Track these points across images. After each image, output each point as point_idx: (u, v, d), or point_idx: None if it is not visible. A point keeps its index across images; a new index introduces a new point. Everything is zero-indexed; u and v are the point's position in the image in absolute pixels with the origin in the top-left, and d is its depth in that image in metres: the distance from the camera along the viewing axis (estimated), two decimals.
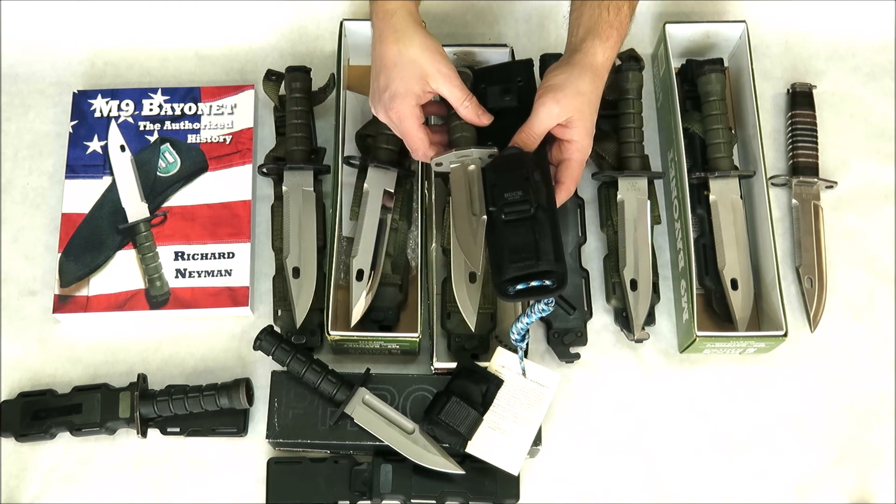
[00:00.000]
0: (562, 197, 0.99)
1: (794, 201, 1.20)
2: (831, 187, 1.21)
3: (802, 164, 1.20)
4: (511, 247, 0.92)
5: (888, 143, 1.24)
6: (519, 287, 0.92)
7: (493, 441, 1.03)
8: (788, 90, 1.25)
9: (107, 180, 1.19)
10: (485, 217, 0.97)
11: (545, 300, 0.97)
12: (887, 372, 1.14)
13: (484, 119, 1.01)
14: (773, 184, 1.20)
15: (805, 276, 1.16)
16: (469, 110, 1.00)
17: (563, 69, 0.98)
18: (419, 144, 1.00)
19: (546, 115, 0.96)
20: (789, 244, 1.19)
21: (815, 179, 1.20)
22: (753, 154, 1.16)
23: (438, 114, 1.07)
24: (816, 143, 1.21)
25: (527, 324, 1.00)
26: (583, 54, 0.98)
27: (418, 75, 0.97)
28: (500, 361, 1.06)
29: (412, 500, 1.04)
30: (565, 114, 0.96)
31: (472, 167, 1.02)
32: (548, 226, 0.93)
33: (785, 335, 1.07)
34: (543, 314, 0.98)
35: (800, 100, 1.23)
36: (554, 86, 0.97)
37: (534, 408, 1.04)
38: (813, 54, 1.28)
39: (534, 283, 0.92)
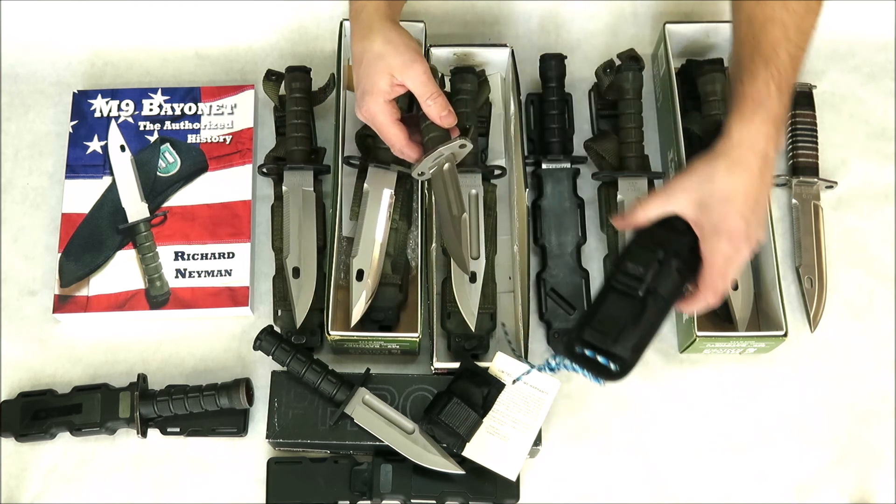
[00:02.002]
0: (697, 305, 0.92)
1: (794, 201, 1.20)
2: (831, 187, 1.21)
3: (802, 164, 1.20)
4: (601, 314, 0.90)
5: (888, 143, 1.24)
6: (586, 352, 0.89)
7: (491, 446, 1.03)
8: None
9: (107, 180, 1.19)
10: (466, 215, 0.96)
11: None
12: (887, 372, 1.14)
13: (448, 119, 0.96)
14: (773, 184, 1.20)
15: (805, 276, 1.16)
16: (432, 108, 0.95)
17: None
18: (394, 140, 0.98)
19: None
20: (789, 244, 1.19)
21: (815, 179, 1.20)
22: None
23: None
24: (816, 143, 1.21)
25: (570, 367, 0.95)
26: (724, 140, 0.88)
27: (383, 69, 0.94)
28: (500, 366, 1.06)
29: (412, 500, 1.04)
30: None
31: (446, 166, 1.01)
32: (649, 317, 0.88)
33: (785, 335, 1.07)
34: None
35: (800, 100, 1.23)
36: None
37: (533, 413, 1.04)
38: (813, 54, 1.27)
39: (599, 359, 0.89)
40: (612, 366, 0.88)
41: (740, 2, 0.94)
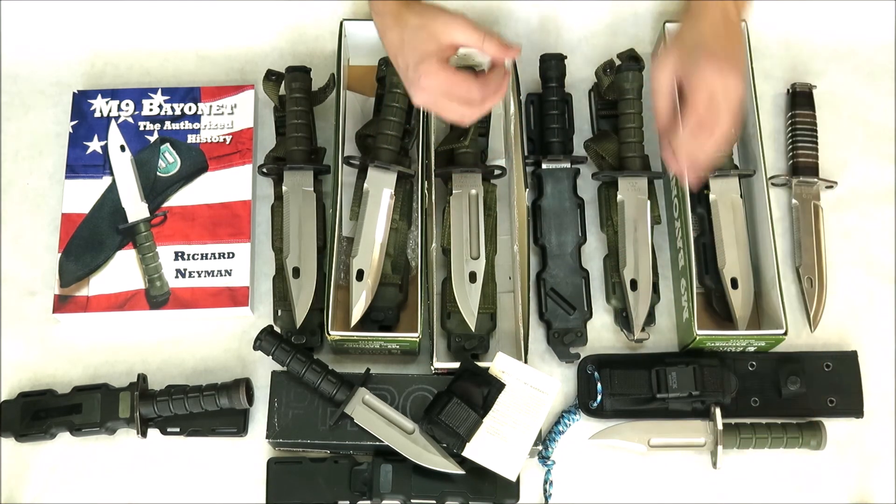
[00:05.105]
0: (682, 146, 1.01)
1: (794, 201, 1.20)
2: (831, 187, 1.21)
3: (802, 164, 1.20)
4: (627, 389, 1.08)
5: (888, 143, 1.24)
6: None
7: (491, 446, 1.03)
8: (788, 90, 1.25)
9: (107, 180, 1.19)
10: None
11: (573, 410, 1.10)
12: (887, 372, 1.14)
13: (510, 52, 0.96)
14: (773, 184, 1.20)
15: (805, 276, 1.16)
16: (492, 47, 0.95)
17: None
18: (469, 85, 0.94)
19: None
20: (789, 244, 1.19)
21: (815, 179, 1.20)
22: (753, 154, 1.16)
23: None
24: (816, 143, 1.21)
25: (560, 433, 1.08)
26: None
27: (428, 36, 0.94)
28: (501, 366, 1.06)
29: (412, 500, 1.04)
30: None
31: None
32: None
33: (785, 334, 1.07)
34: (574, 422, 1.09)
35: (800, 100, 1.23)
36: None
37: (533, 413, 1.04)
38: (813, 54, 1.28)
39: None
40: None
41: None
